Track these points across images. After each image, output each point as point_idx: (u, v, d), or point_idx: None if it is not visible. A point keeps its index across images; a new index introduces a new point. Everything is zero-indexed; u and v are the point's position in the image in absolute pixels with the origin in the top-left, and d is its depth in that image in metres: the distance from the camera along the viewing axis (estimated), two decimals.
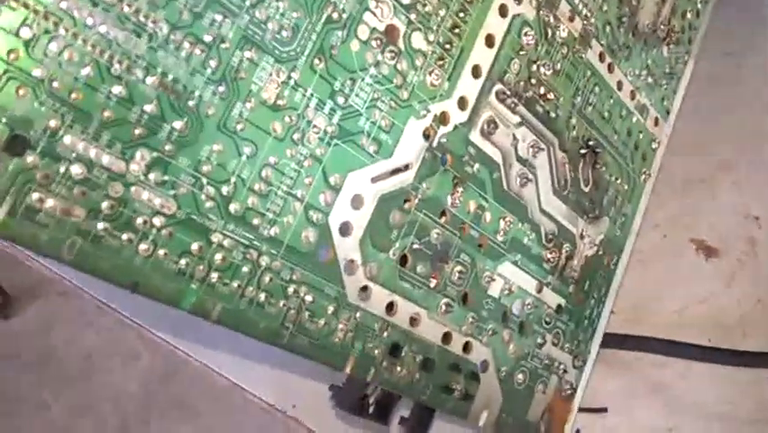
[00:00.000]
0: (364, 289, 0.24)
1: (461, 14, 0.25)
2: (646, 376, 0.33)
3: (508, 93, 0.27)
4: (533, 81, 0.28)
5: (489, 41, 0.26)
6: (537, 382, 0.30)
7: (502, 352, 0.28)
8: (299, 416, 0.31)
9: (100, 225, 0.18)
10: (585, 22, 0.29)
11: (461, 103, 0.25)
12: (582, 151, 0.30)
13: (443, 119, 0.25)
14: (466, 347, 0.27)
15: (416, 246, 0.25)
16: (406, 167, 0.24)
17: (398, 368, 0.25)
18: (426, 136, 0.25)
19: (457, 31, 0.25)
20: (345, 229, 0.23)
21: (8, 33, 0.16)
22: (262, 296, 0.21)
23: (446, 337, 0.26)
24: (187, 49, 0.19)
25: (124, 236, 0.18)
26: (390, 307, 0.24)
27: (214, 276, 0.20)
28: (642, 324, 0.34)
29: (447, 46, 0.24)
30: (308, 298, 0.22)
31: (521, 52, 0.27)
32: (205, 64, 0.19)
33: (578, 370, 0.32)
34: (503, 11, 0.26)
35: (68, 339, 0.86)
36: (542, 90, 0.28)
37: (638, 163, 0.34)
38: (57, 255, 0.18)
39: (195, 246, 0.20)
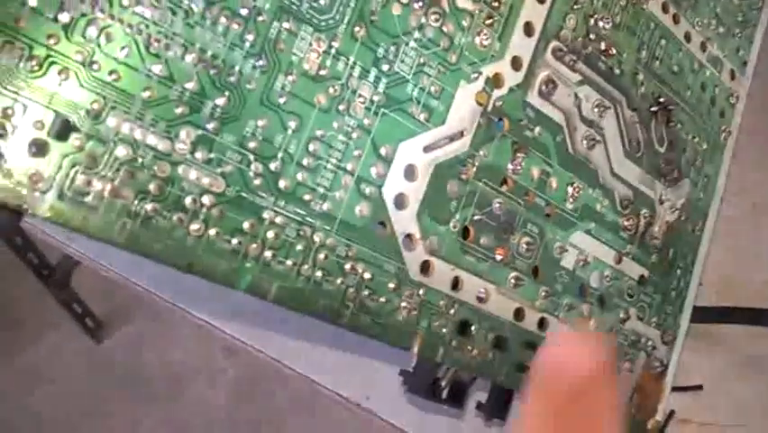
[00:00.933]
0: (425, 264, 0.22)
1: None
2: (741, 350, 0.30)
3: (566, 50, 0.25)
4: (591, 37, 0.26)
5: None
6: (623, 359, 0.28)
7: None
8: (372, 407, 0.30)
9: (149, 206, 0.18)
10: None
11: (515, 63, 0.24)
12: (653, 108, 0.28)
13: (496, 81, 0.24)
14: (541, 324, 0.25)
15: (477, 217, 0.24)
16: (461, 134, 0.23)
17: (469, 347, 0.24)
18: (480, 101, 0.23)
19: None
20: (400, 202, 0.22)
21: (47, 19, 0.17)
22: (319, 273, 0.20)
23: (518, 313, 0.25)
24: (223, 23, 0.19)
25: (174, 217, 0.18)
26: (455, 282, 0.23)
27: (269, 254, 0.20)
28: (733, 296, 0.32)
29: (495, 4, 0.23)
30: (367, 275, 0.21)
31: (575, 6, 0.25)
32: (243, 38, 0.19)
33: (667, 346, 0.29)
34: None
35: (157, 358, 0.89)
36: (602, 46, 0.26)
37: (716, 120, 0.31)
38: (108, 238, 0.18)
39: (246, 224, 0.19)
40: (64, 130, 0.17)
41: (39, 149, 0.17)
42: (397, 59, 0.22)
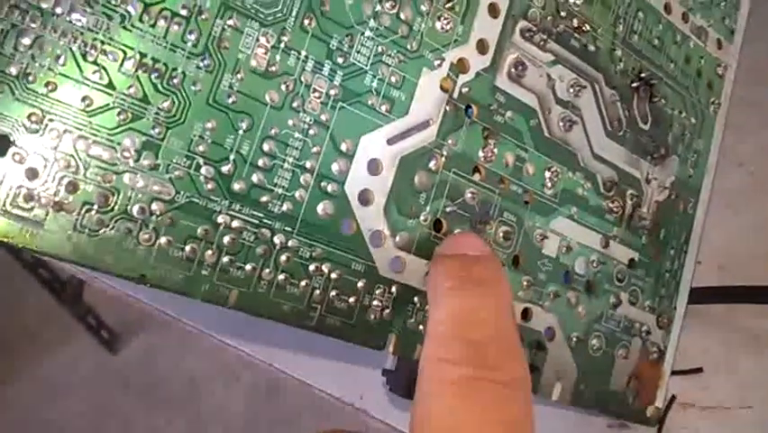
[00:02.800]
0: (396, 260, 0.22)
1: None
2: (743, 329, 0.29)
3: (535, 30, 0.24)
4: (563, 14, 0.25)
5: None
6: (617, 346, 0.27)
7: (569, 316, 0.26)
8: (367, 407, 0.29)
9: (95, 218, 0.17)
10: None
11: (481, 46, 0.23)
12: (634, 84, 0.27)
13: (461, 67, 0.23)
14: (525, 314, 0.25)
15: (449, 209, 0.23)
16: (427, 123, 0.22)
17: None
18: (445, 88, 0.23)
19: None
20: (365, 198, 0.21)
21: None
22: (282, 277, 0.20)
23: None
24: (162, 25, 0.18)
25: (122, 227, 0.18)
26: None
27: (226, 260, 0.19)
28: (733, 274, 0.31)
29: None
30: (334, 275, 0.21)
31: None
32: (184, 38, 0.18)
33: (664, 330, 0.28)
34: None
35: (172, 366, 0.89)
36: (575, 22, 0.25)
37: (704, 93, 0.30)
38: (56, 254, 0.17)
39: (200, 230, 0.19)
40: (2, 145, 0.16)
41: None
42: (352, 50, 0.21)
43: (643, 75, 0.27)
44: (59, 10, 0.17)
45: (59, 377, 0.87)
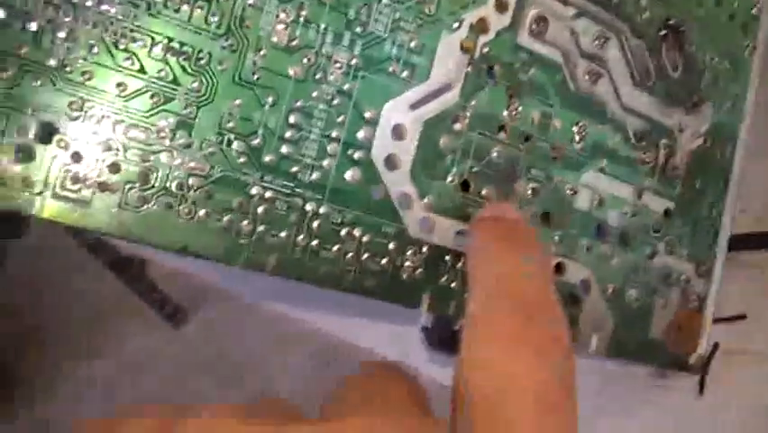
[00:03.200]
0: (425, 221, 0.22)
1: None
2: None
3: None
4: None
5: None
6: (655, 296, 0.27)
7: (605, 268, 0.26)
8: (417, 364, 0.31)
9: (137, 195, 0.19)
10: None
11: (500, 5, 0.23)
12: (662, 33, 0.27)
13: (481, 27, 0.23)
14: (558, 268, 0.25)
15: (476, 169, 0.23)
16: (449, 86, 0.23)
17: None
18: (466, 50, 0.23)
19: None
20: (392, 162, 0.22)
21: (15, 31, 0.17)
22: (315, 242, 0.21)
23: None
24: (186, 10, 0.19)
25: (163, 202, 0.19)
26: (460, 236, 0.23)
27: (262, 228, 0.20)
28: None
29: None
30: (365, 238, 0.22)
31: None
32: (207, 20, 0.19)
33: (704, 278, 0.28)
34: None
35: (236, 338, 0.93)
36: None
37: (738, 36, 0.29)
38: (103, 232, 0.19)
39: (235, 202, 0.20)
40: (47, 133, 0.18)
41: (26, 154, 0.18)
42: (370, 18, 0.21)
43: (671, 22, 0.27)
44: (89, 3, 0.18)
45: (127, 356, 0.92)
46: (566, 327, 0.18)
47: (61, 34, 0.18)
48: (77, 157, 0.18)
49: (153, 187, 0.19)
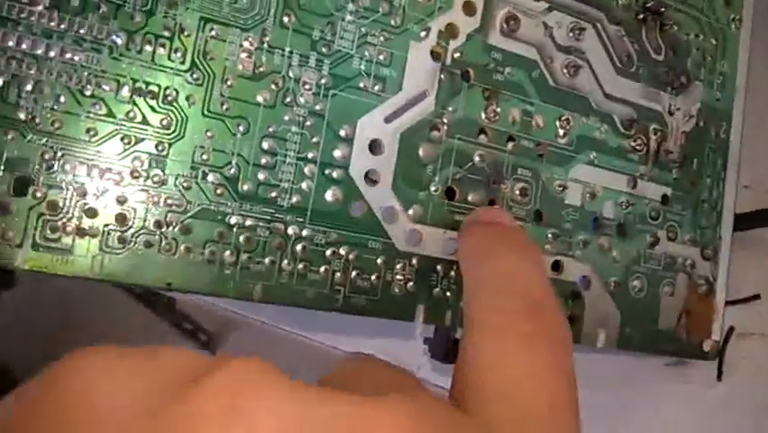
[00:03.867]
0: (413, 233, 0.22)
1: None
2: None
3: None
4: None
5: None
6: (661, 285, 0.27)
7: (604, 262, 0.25)
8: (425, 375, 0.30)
9: (117, 236, 0.19)
10: None
11: (468, 8, 0.23)
12: (640, 16, 0.26)
13: (450, 32, 0.23)
14: (556, 267, 0.25)
15: (459, 175, 0.23)
16: (423, 95, 0.22)
17: None
18: (436, 56, 0.23)
19: None
20: (372, 178, 0.22)
21: None
22: (301, 265, 0.21)
23: None
24: (148, 50, 0.19)
25: (143, 240, 0.19)
26: (450, 244, 0.23)
27: (245, 257, 0.20)
28: None
29: None
30: (351, 256, 0.21)
31: None
32: (171, 57, 0.19)
33: (710, 261, 0.28)
34: None
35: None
36: None
37: (722, 11, 0.28)
38: (87, 276, 0.19)
39: (216, 234, 0.20)
40: (21, 185, 0.18)
41: (2, 208, 0.18)
42: (335, 36, 0.21)
43: (649, 5, 0.26)
44: (52, 53, 0.18)
45: None
46: (568, 324, 0.18)
47: (27, 87, 0.18)
48: (53, 206, 0.18)
49: (132, 227, 0.19)
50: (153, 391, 0.12)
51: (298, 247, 0.21)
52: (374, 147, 0.22)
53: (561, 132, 0.25)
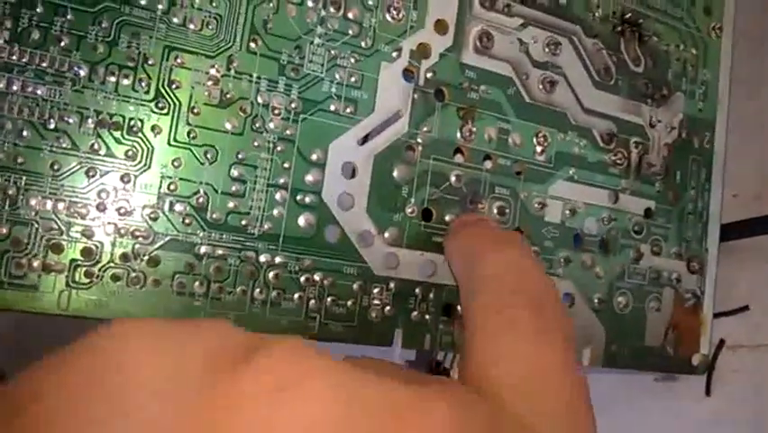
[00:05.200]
0: (390, 256, 0.22)
1: None
2: None
3: None
4: None
5: None
6: (647, 300, 0.26)
7: (587, 279, 0.25)
8: None
9: (84, 271, 0.18)
10: None
11: (440, 27, 0.23)
12: (618, 28, 0.26)
13: (422, 52, 0.23)
14: None
15: (436, 196, 0.23)
16: (396, 116, 0.22)
17: (460, 328, 0.23)
18: (409, 76, 0.22)
19: None
20: (345, 202, 0.21)
21: None
22: (274, 293, 0.20)
23: None
24: (112, 80, 0.19)
25: (110, 274, 0.19)
26: (429, 267, 0.22)
27: (215, 287, 0.20)
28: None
29: None
30: (326, 282, 0.21)
31: None
32: (135, 87, 0.19)
33: (697, 274, 0.27)
34: None
35: None
36: None
37: (702, 20, 0.28)
38: (54, 312, 0.18)
39: (184, 264, 0.20)
40: None
41: None
42: (304, 60, 0.21)
43: (626, 16, 0.26)
44: (14, 87, 0.18)
45: None
46: (572, 319, 0.17)
47: None
48: (17, 243, 0.18)
49: (99, 261, 0.19)
50: (196, 367, 0.11)
51: (271, 275, 0.20)
52: (347, 170, 0.21)
53: (538, 149, 0.24)
